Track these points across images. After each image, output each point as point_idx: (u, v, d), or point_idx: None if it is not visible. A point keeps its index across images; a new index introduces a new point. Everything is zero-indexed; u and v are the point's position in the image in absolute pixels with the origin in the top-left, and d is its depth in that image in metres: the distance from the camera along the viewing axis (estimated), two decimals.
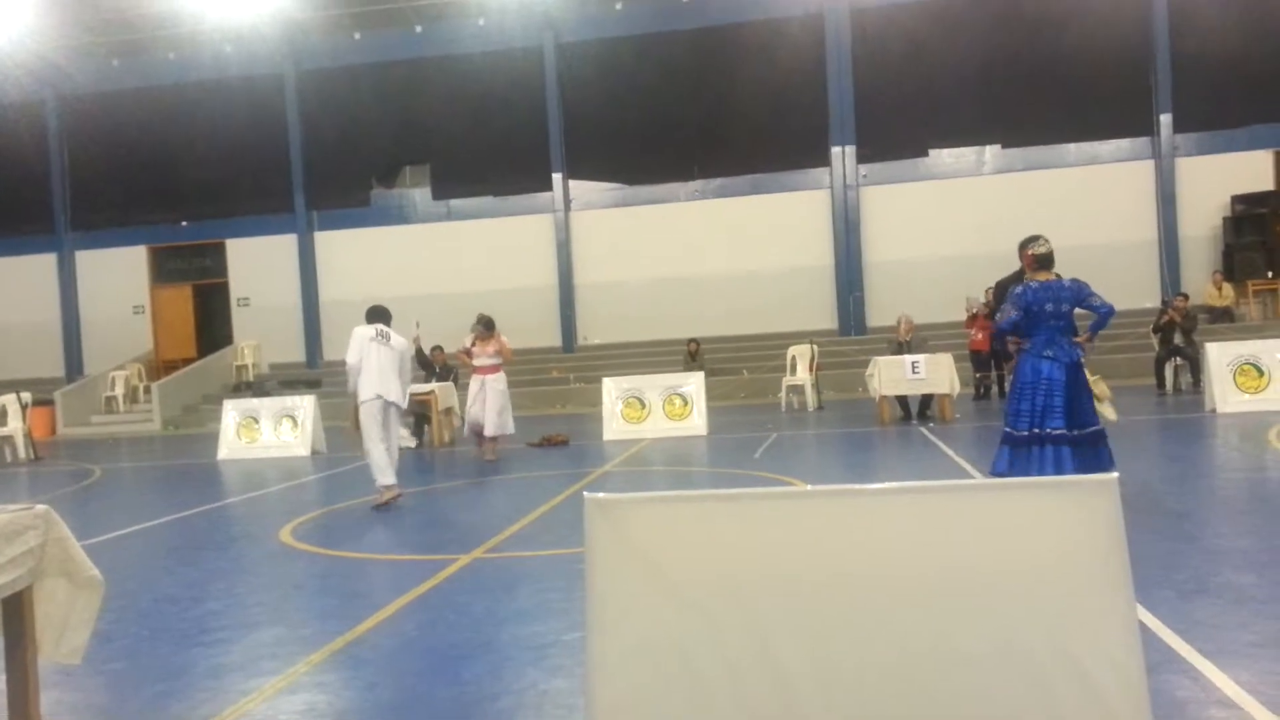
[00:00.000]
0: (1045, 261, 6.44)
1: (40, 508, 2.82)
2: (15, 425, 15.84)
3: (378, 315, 8.74)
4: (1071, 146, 20.94)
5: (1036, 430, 6.26)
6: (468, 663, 3.95)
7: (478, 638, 4.31)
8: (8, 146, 23.97)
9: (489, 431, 11.07)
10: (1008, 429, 6.46)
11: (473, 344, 11.27)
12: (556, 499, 8.12)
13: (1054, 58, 20.55)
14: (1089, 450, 6.31)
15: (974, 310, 15.99)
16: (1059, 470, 6.14)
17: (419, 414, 14.01)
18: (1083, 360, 6.44)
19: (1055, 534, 2.30)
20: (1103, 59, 20.51)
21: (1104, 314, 6.33)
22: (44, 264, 24.47)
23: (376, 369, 8.30)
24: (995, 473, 6.52)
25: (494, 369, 11.20)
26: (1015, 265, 7.06)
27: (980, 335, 15.81)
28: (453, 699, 3.55)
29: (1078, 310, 6.38)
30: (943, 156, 21.55)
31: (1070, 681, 2.23)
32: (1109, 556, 2.27)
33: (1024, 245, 6.52)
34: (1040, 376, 6.30)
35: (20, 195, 24.23)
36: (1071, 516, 2.29)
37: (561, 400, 20.04)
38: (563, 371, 21.14)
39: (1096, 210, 20.16)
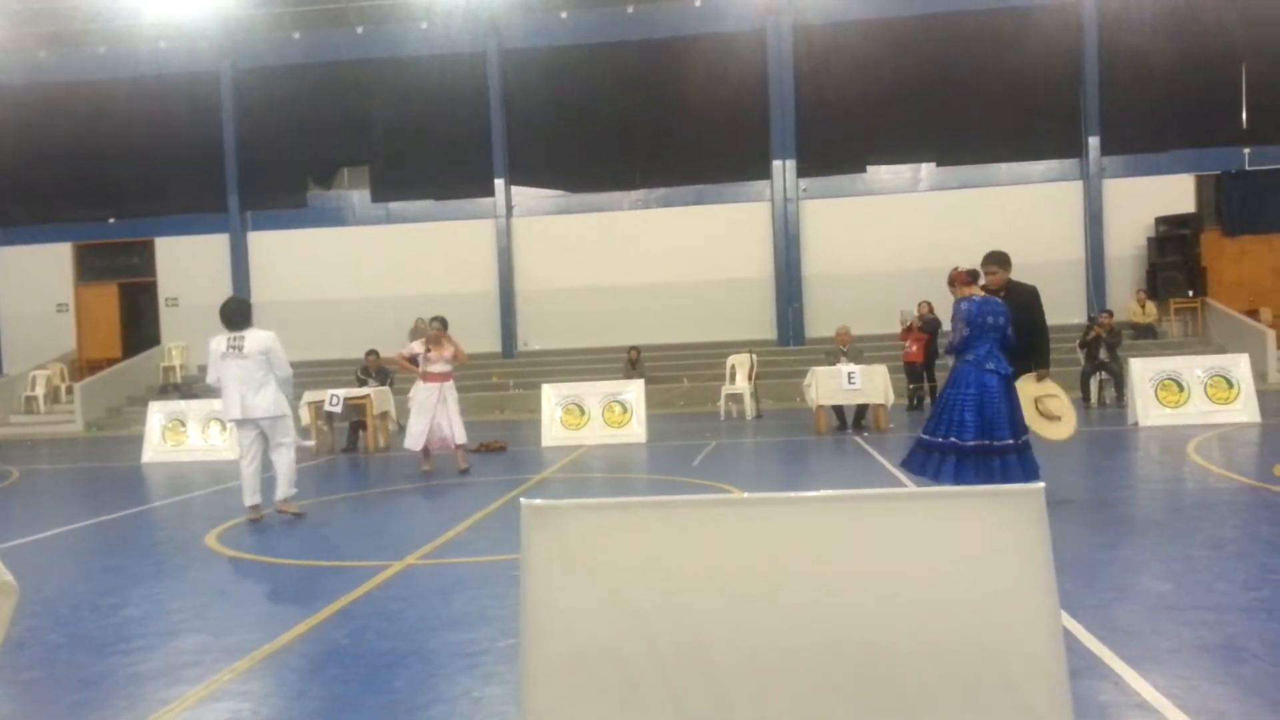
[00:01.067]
0: (974, 276, 6.71)
1: None
2: None
3: (227, 318, 7.65)
4: (1004, 166, 21.51)
5: (986, 441, 6.32)
6: (399, 670, 3.89)
7: (409, 645, 4.24)
8: None
9: (459, 440, 10.46)
10: (953, 439, 6.40)
11: (426, 349, 10.41)
12: (493, 505, 8.05)
13: (988, 80, 21.10)
14: (1022, 458, 6.50)
15: (908, 323, 16.30)
16: (1010, 481, 6.22)
17: (354, 420, 13.79)
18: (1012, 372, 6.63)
19: (982, 540, 2.35)
20: (1035, 82, 21.12)
21: (1010, 343, 6.59)
22: None
23: (236, 385, 7.46)
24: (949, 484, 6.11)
25: (449, 375, 10.57)
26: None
27: (914, 348, 16.13)
28: (383, 707, 3.49)
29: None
30: (880, 173, 21.96)
31: (995, 684, 2.27)
32: (1034, 564, 2.33)
33: (954, 271, 6.76)
34: (986, 388, 6.38)
35: None
36: (999, 524, 2.34)
37: (500, 406, 19.90)
38: (502, 377, 21.00)
39: (1027, 229, 20.70)
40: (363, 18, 22.67)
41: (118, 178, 23.06)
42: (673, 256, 21.89)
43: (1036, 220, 20.92)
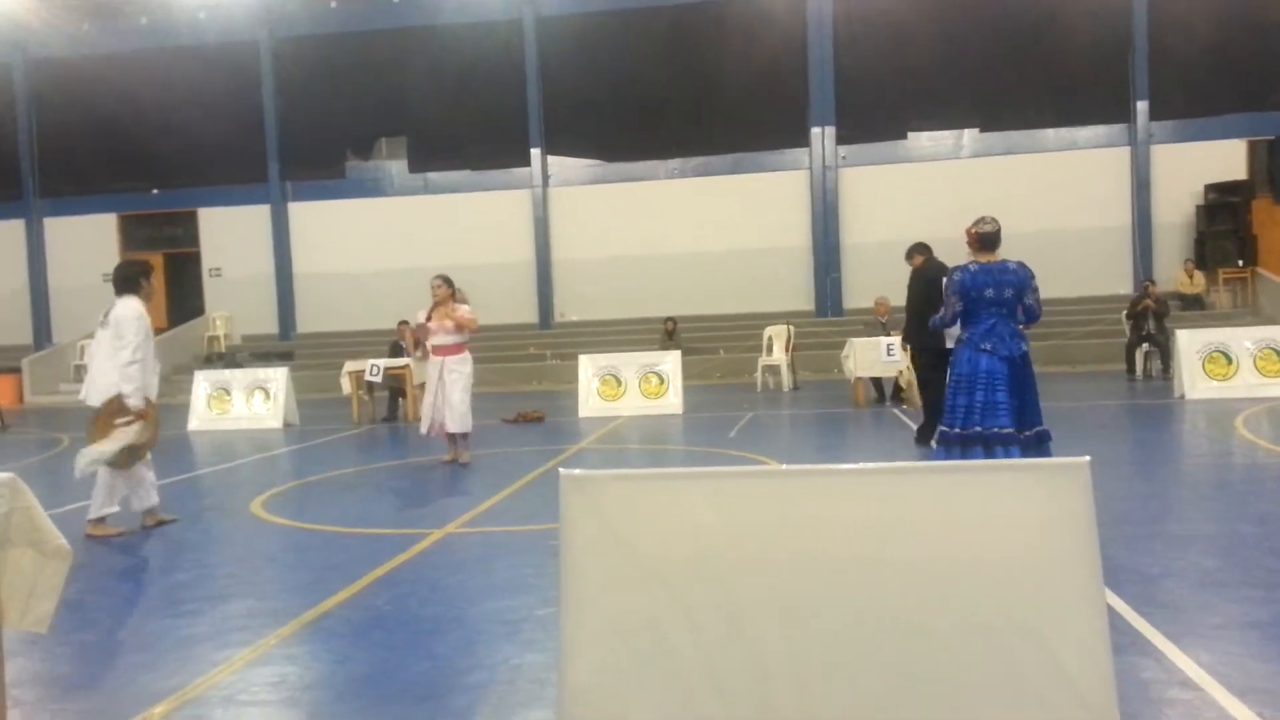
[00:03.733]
0: (988, 241, 5.78)
1: (6, 475, 2.77)
2: None
3: (117, 281, 6.52)
4: (1050, 132, 21.04)
5: (979, 429, 5.56)
6: (440, 637, 3.95)
7: (450, 612, 4.30)
8: None
9: (452, 427, 8.72)
10: (943, 427, 5.80)
11: (428, 316, 8.82)
12: (531, 475, 8.11)
13: (1034, 43, 20.60)
14: (1034, 452, 5.66)
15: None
16: None
17: (393, 388, 13.94)
18: (1027, 353, 5.73)
19: (1026, 516, 2.32)
20: (1082, 46, 20.58)
21: (1029, 319, 5.72)
22: (11, 230, 24.01)
23: (91, 362, 6.45)
24: None
25: (456, 348, 8.77)
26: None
27: None
28: (424, 673, 3.55)
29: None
30: (921, 139, 21.58)
31: (1038, 661, 2.26)
32: (1078, 539, 2.30)
33: (969, 226, 5.94)
34: (979, 370, 5.59)
35: None
36: (1043, 499, 2.32)
37: (537, 377, 19.99)
38: (540, 348, 21.09)
39: (1072, 195, 20.29)
40: None
41: (160, 149, 23.32)
42: (709, 226, 21.75)
43: (1082, 187, 20.46)
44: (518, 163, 22.56)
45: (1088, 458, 2.36)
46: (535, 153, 22.44)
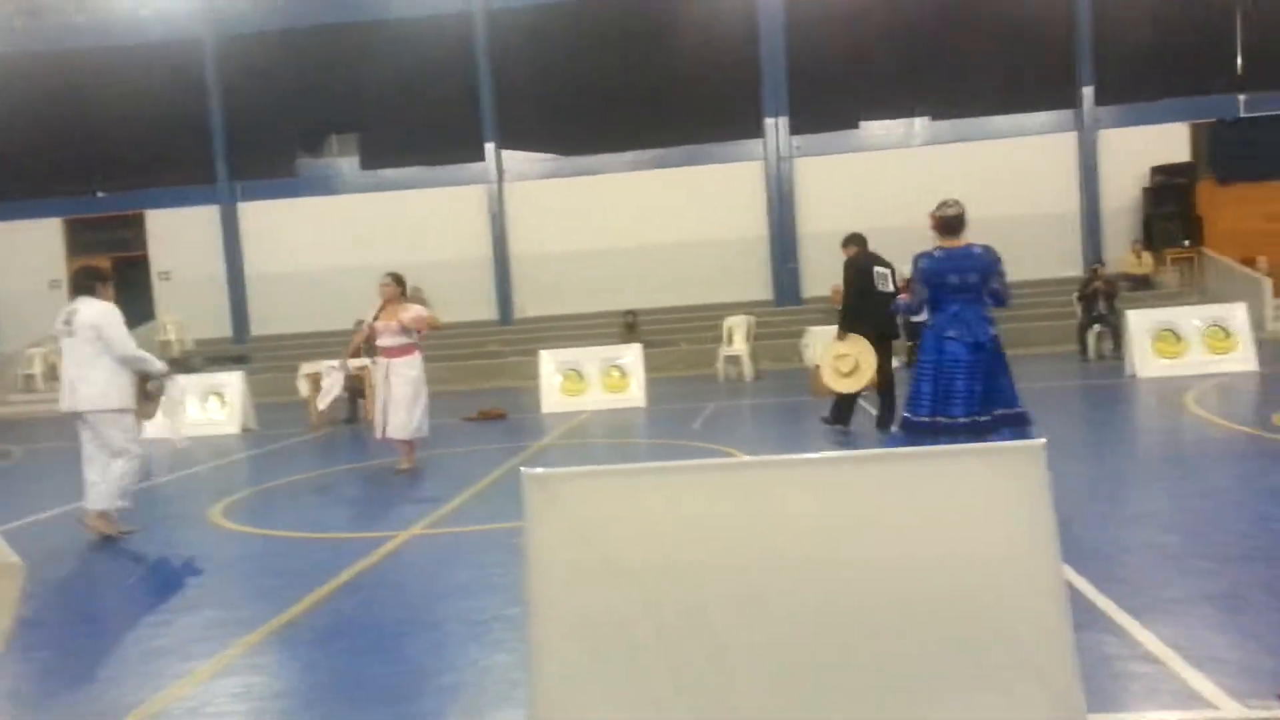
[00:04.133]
0: (952, 225, 5.61)
1: None
2: None
3: (74, 285, 6.52)
4: (998, 119, 21.33)
5: (938, 418, 5.48)
6: (408, 640, 3.92)
7: (417, 615, 4.27)
8: None
9: (392, 433, 8.30)
10: (905, 414, 5.73)
11: (376, 315, 8.40)
12: (494, 474, 8.07)
13: (982, 31, 20.87)
14: (1010, 435, 5.47)
15: (904, 280, 16.26)
16: None
17: (354, 389, 13.77)
18: (996, 337, 5.58)
19: (984, 499, 2.35)
20: (1028, 33, 20.89)
21: (997, 303, 5.62)
22: None
23: (64, 371, 6.31)
24: None
25: (403, 350, 8.33)
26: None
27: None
28: (393, 677, 3.52)
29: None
30: (873, 128, 21.79)
31: (1000, 647, 2.29)
32: (1036, 522, 2.34)
33: (933, 210, 5.75)
34: (943, 357, 5.51)
35: None
36: (1000, 482, 2.35)
37: (498, 374, 19.89)
38: (500, 345, 20.98)
39: (1022, 181, 20.60)
40: None
41: (104, 150, 22.82)
42: (667, 218, 21.78)
43: (1031, 172, 20.81)
44: (472, 158, 22.41)
45: (1044, 440, 2.40)
46: (489, 147, 22.30)
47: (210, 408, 13.57)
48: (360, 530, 6.24)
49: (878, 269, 9.07)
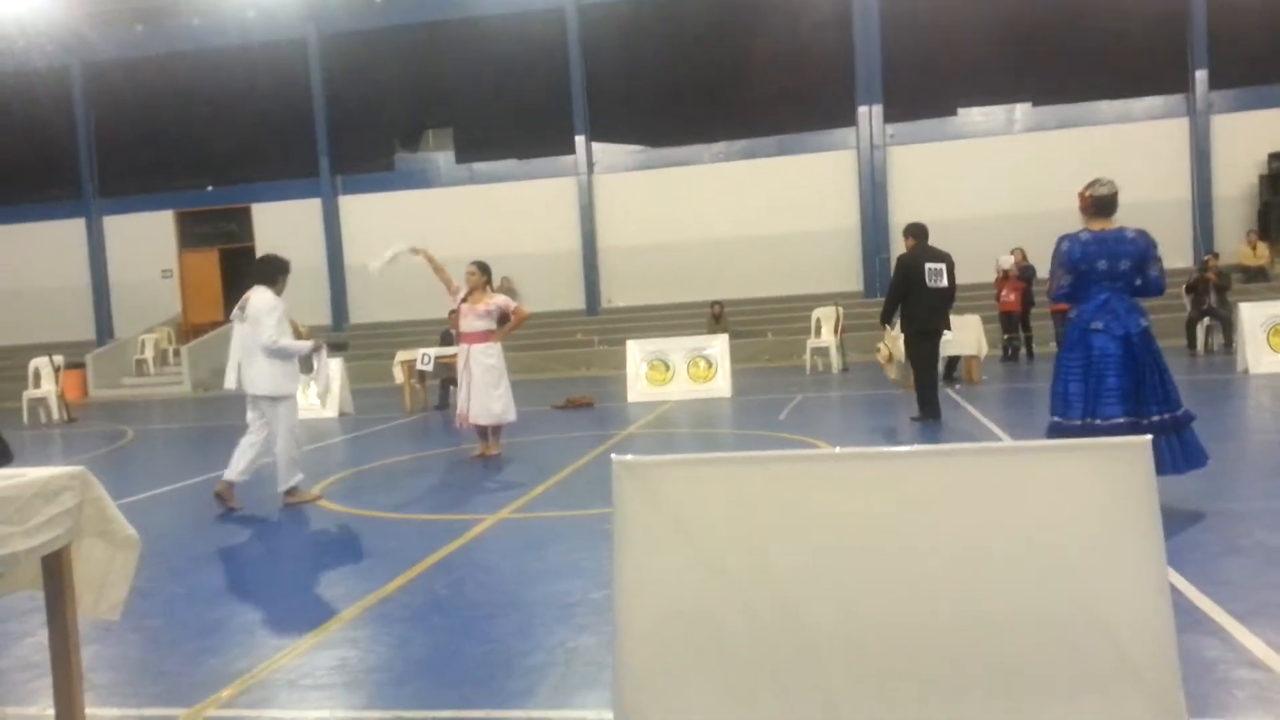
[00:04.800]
0: (1105, 206, 5.19)
1: (76, 469, 2.86)
2: (49, 388, 16.12)
3: (251, 274, 7.10)
4: (1104, 104, 20.54)
5: (1095, 420, 4.97)
6: (497, 620, 4.00)
7: (506, 596, 4.36)
8: (35, 114, 24.13)
9: (475, 418, 8.43)
10: (1056, 417, 5.17)
11: (463, 298, 8.53)
12: (581, 460, 8.16)
13: (1086, 13, 20.09)
14: (1173, 440, 5.03)
15: (1004, 270, 15.82)
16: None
17: (445, 378, 14.09)
18: (1148, 329, 5.11)
19: (1086, 496, 2.28)
20: (1137, 14, 20.03)
21: (1150, 292, 5.15)
22: (73, 229, 24.71)
23: (233, 351, 6.87)
24: None
25: (483, 336, 8.43)
26: (1049, 225, 6.52)
27: (1012, 296, 15.67)
28: (483, 655, 3.60)
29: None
30: (972, 115, 21.21)
31: (1099, 644, 2.22)
32: (1140, 519, 2.26)
33: (1083, 188, 5.34)
34: (1091, 353, 5.01)
35: (48, 161, 24.43)
36: (1103, 479, 2.27)
37: (585, 363, 20.08)
38: (587, 334, 21.17)
39: (1129, 169, 19.64)
40: None
41: (214, 146, 23.81)
42: (756, 209, 21.63)
43: (1139, 160, 19.95)
44: (562, 150, 22.62)
45: (1149, 437, 2.31)
46: (580, 140, 22.48)
47: (311, 392, 14.00)
48: (451, 513, 6.39)
49: (930, 265, 9.10)
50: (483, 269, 8.63)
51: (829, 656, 2.30)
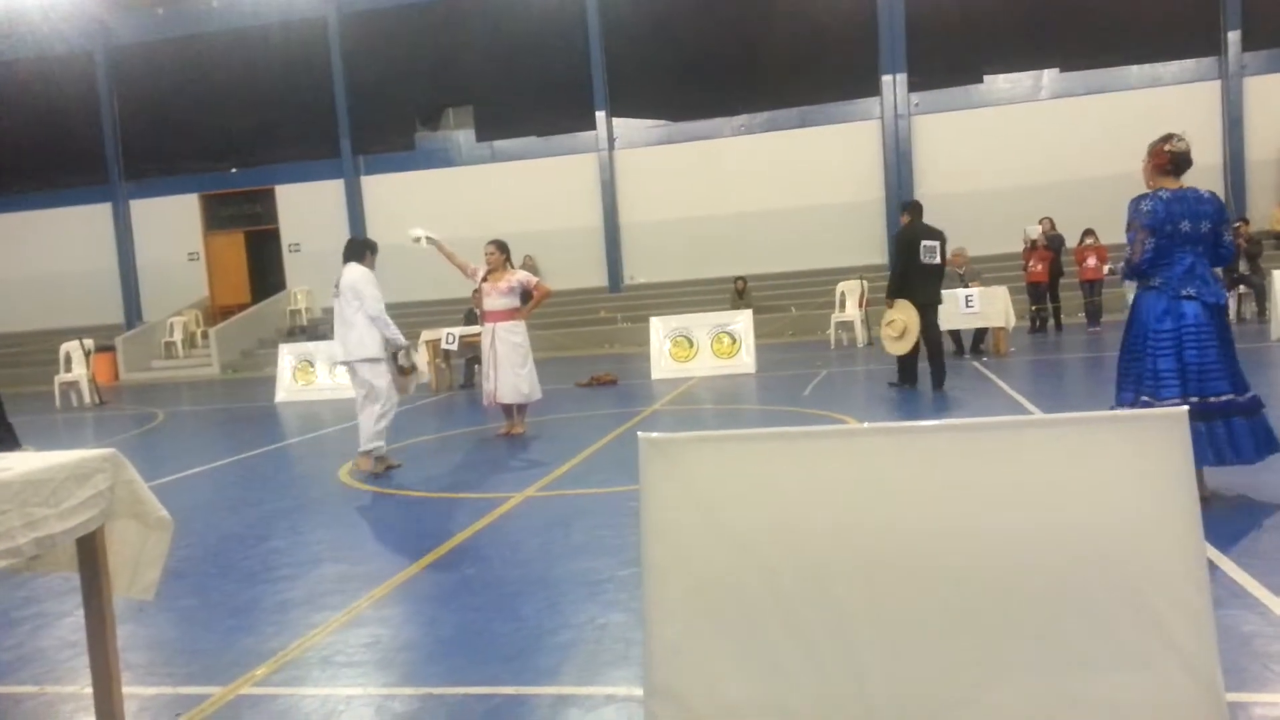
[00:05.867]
0: (1183, 162, 4.75)
1: (108, 451, 2.89)
2: (80, 371, 16.33)
3: (344, 253, 7.51)
4: (1133, 69, 20.14)
5: (1196, 399, 4.45)
6: (526, 598, 4.02)
7: (534, 574, 4.38)
8: (59, 100, 24.31)
9: (503, 397, 8.47)
10: (1145, 397, 4.57)
11: (484, 278, 8.53)
12: (606, 438, 8.17)
13: None
14: (1257, 422, 4.59)
15: (1030, 241, 15.62)
16: (1239, 455, 4.49)
17: (469, 357, 14.14)
18: (1227, 301, 4.70)
19: (1121, 470, 2.24)
20: None
21: (1223, 260, 4.75)
22: (100, 213, 24.93)
23: (336, 326, 7.33)
24: None
25: (508, 314, 8.46)
26: (1078, 193, 6.24)
27: (1039, 267, 15.48)
28: (513, 633, 3.62)
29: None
30: (998, 82, 20.88)
31: (1136, 619, 2.19)
32: (1177, 494, 2.22)
33: (1155, 144, 4.89)
34: (1184, 323, 4.50)
35: (73, 147, 24.61)
36: (1138, 452, 2.23)
37: (609, 340, 20.07)
38: (610, 312, 21.15)
39: (1159, 134, 19.39)
40: None
41: (237, 128, 23.90)
42: (778, 182, 21.46)
43: (1170, 125, 19.28)
44: (583, 127, 22.52)
45: (1185, 407, 2.27)
46: (600, 116, 22.36)
47: (338, 372, 14.12)
48: (477, 491, 6.42)
49: (925, 242, 9.60)
50: (501, 247, 8.64)
51: (858, 630, 2.29)
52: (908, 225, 9.73)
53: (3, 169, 24.72)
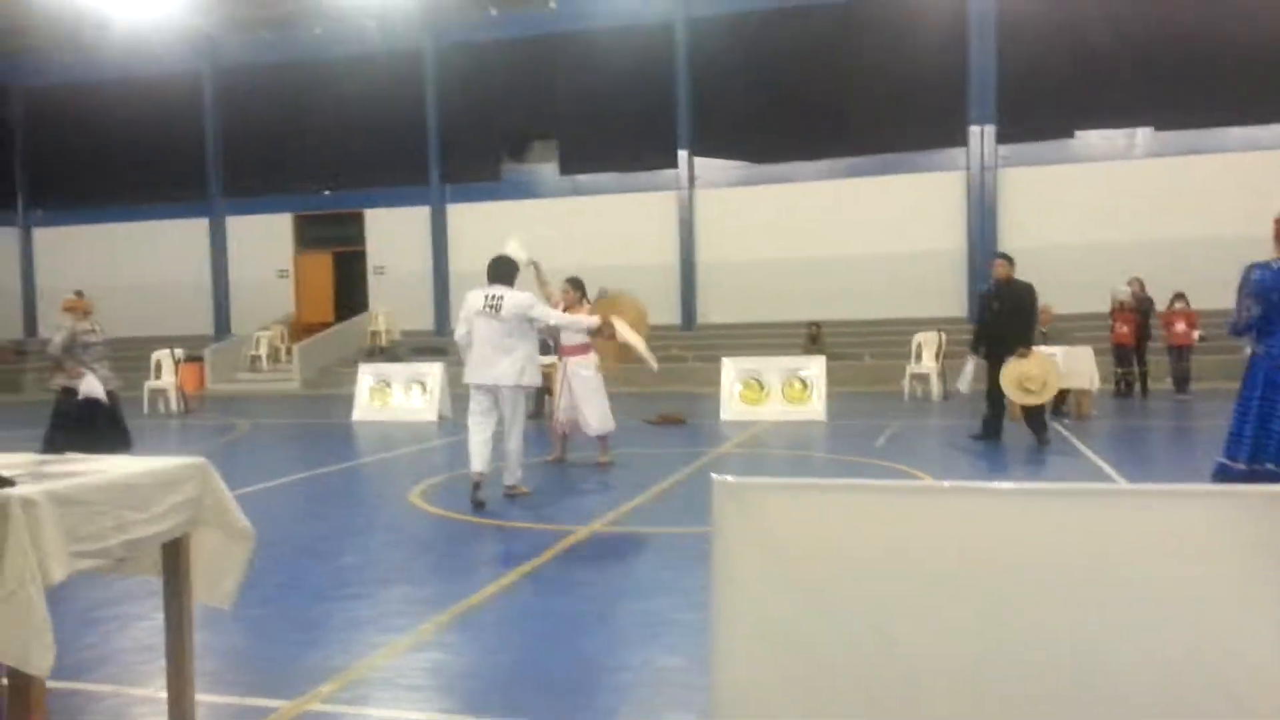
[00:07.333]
0: None
1: (198, 460, 2.99)
2: (169, 380, 16.95)
3: (492, 273, 7.33)
4: (1234, 130, 19.56)
5: (1270, 466, 4.59)
6: (586, 634, 4.02)
7: (595, 609, 4.38)
8: (167, 117, 25.47)
9: (594, 430, 8.87)
10: (1224, 459, 4.85)
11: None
12: (673, 477, 8.15)
13: (1214, 33, 19.17)
14: None
15: (1119, 301, 15.21)
16: None
17: (539, 388, 14.23)
18: None
19: (1207, 545, 2.17)
20: (1268, 35, 19.04)
21: None
22: (197, 228, 25.95)
23: (479, 348, 7.00)
24: None
25: (580, 349, 8.83)
26: (1170, 255, 6.26)
27: (1124, 328, 15.05)
28: (571, 668, 3.62)
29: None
30: (1091, 138, 20.47)
31: (1213, 693, 2.11)
32: (1263, 570, 2.13)
33: None
34: (1276, 391, 4.62)
35: (177, 162, 25.70)
36: (1234, 529, 2.16)
37: (679, 379, 20.06)
38: (682, 350, 21.17)
39: (1259, 199, 18.71)
40: None
41: (332, 151, 24.70)
42: (858, 228, 21.31)
43: (1271, 189, 18.91)
44: (664, 164, 22.73)
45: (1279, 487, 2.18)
46: (682, 154, 22.55)
47: (413, 395, 14.40)
48: (543, 522, 6.45)
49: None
50: (576, 285, 9.03)
51: (929, 690, 2.24)
52: (1015, 278, 9.80)
53: (110, 180, 25.96)
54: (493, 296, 7.02)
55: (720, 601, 2.33)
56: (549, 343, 14.66)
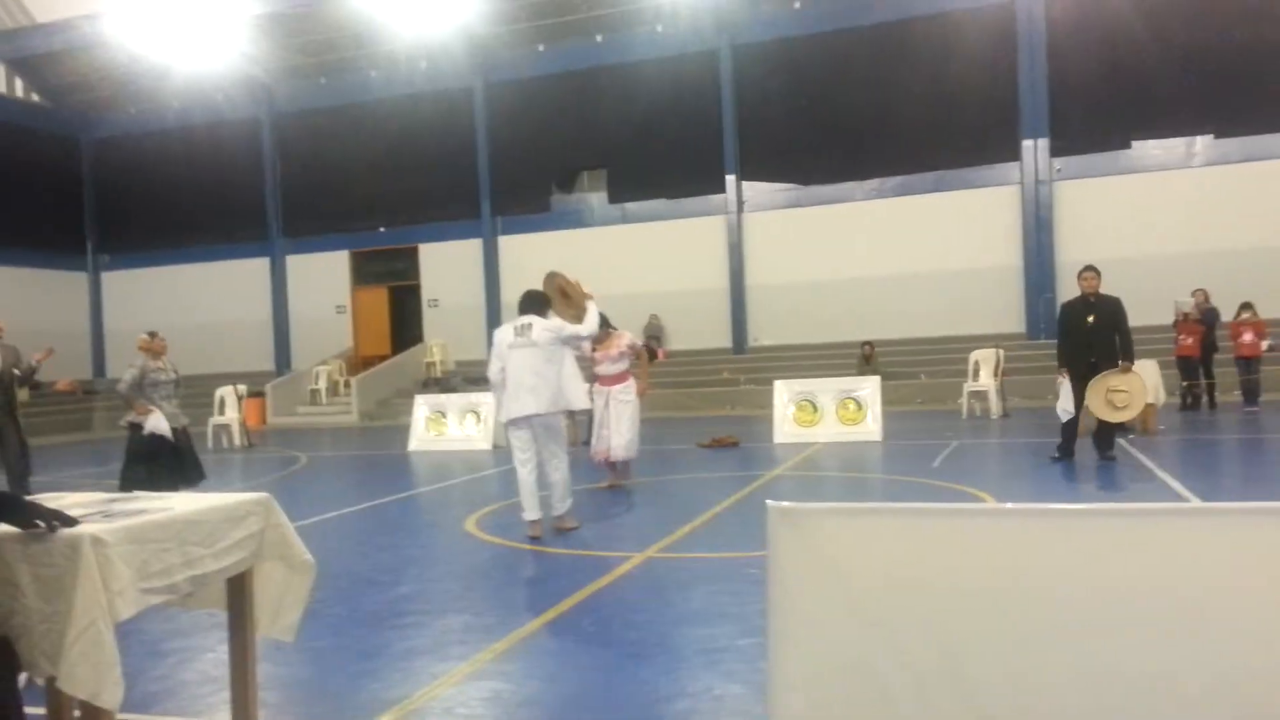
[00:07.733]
0: None
1: (262, 495, 3.05)
2: (232, 415, 17.34)
3: (524, 305, 7.26)
4: None
5: None
6: (644, 661, 4.00)
7: (652, 637, 4.35)
8: (227, 162, 26.29)
9: (619, 455, 9.04)
10: None
11: (593, 349, 8.87)
12: (728, 501, 8.10)
13: (1271, 36, 18.71)
14: None
15: (1182, 314, 14.83)
16: None
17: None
18: None
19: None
20: None
21: None
22: (258, 267, 26.63)
23: (515, 379, 6.84)
24: None
25: (619, 378, 9.17)
26: (1235, 265, 6.15)
27: (1189, 340, 14.65)
28: (629, 696, 3.60)
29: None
30: (1148, 148, 20.05)
31: None
32: None
33: None
34: None
35: (238, 205, 26.48)
36: None
37: (731, 402, 19.99)
38: (733, 373, 21.10)
39: None
40: (601, 26, 23.44)
41: (386, 189, 25.24)
42: (910, 247, 21.09)
43: None
44: (712, 189, 22.78)
45: None
46: (730, 179, 22.58)
47: (468, 424, 14.54)
48: (598, 549, 6.45)
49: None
50: (603, 322, 9.04)
51: (992, 711, 2.18)
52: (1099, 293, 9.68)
53: (173, 225, 26.83)
54: (522, 326, 7.01)
55: (776, 628, 2.31)
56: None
